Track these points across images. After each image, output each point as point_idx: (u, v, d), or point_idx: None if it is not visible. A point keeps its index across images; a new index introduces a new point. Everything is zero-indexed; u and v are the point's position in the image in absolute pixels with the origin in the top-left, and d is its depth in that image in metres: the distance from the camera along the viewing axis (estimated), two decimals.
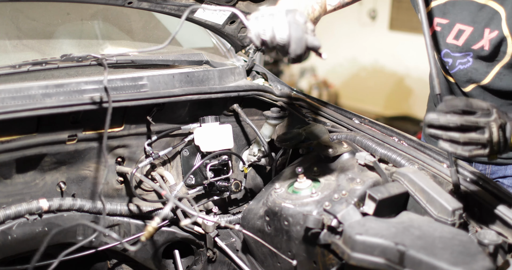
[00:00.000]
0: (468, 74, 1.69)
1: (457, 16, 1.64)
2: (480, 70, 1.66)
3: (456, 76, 1.74)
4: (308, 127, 1.73)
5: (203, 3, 1.74)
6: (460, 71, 1.71)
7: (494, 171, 1.88)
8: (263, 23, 1.21)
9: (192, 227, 1.74)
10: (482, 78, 1.67)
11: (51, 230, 1.54)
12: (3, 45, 1.78)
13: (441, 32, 1.70)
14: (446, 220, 1.30)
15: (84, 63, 1.63)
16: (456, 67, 1.71)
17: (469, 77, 1.69)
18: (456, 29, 1.65)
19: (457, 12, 1.64)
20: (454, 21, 1.66)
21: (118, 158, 1.68)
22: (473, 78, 1.69)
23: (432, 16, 1.70)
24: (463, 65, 1.69)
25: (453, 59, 1.70)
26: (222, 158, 1.76)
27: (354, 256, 1.22)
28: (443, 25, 1.68)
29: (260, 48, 1.26)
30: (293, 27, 1.19)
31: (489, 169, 1.89)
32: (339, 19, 6.87)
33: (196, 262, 1.86)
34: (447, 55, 1.72)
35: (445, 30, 1.68)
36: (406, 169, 1.45)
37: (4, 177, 1.47)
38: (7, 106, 1.34)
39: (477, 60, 1.66)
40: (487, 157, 1.16)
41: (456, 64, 1.70)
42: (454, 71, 1.72)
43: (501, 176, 1.87)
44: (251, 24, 1.23)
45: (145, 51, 1.87)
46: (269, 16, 1.21)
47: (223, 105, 1.87)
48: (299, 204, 1.44)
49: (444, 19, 1.68)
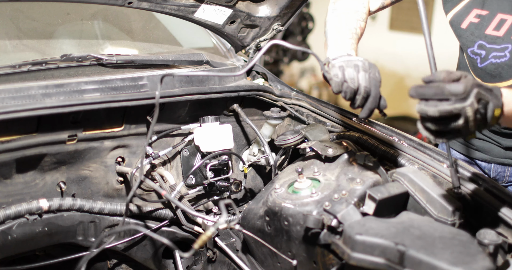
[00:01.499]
0: (498, 69, 1.65)
1: (498, 6, 1.62)
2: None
3: (485, 70, 1.69)
4: (308, 127, 1.73)
5: (203, 4, 1.74)
6: (491, 65, 1.66)
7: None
8: (348, 73, 1.28)
9: (192, 227, 1.74)
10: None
11: (51, 230, 1.54)
12: (3, 45, 1.79)
13: (479, 23, 1.66)
14: (446, 220, 1.30)
15: (84, 63, 1.63)
16: (488, 60, 1.66)
17: (498, 73, 1.65)
18: (498, 19, 1.63)
19: (498, 2, 1.62)
20: (495, 11, 1.63)
21: (118, 158, 1.68)
22: (502, 75, 1.65)
23: (470, 8, 1.68)
24: (497, 58, 1.65)
25: (487, 51, 1.66)
26: (222, 158, 1.76)
27: (354, 256, 1.22)
28: (483, 16, 1.65)
29: (337, 94, 1.31)
30: (373, 83, 1.28)
31: (508, 171, 1.86)
32: None
33: (196, 262, 1.86)
34: (481, 47, 1.67)
35: (484, 21, 1.65)
36: (406, 169, 1.45)
37: (4, 177, 1.46)
38: (7, 106, 1.34)
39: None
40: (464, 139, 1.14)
41: (489, 57, 1.66)
42: (484, 64, 1.68)
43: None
44: (334, 71, 1.30)
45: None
46: (354, 67, 1.29)
47: (223, 105, 1.87)
48: (299, 204, 1.44)
49: (483, 11, 1.65)
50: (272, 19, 1.89)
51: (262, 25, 1.90)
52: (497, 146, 1.84)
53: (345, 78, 1.28)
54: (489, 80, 1.69)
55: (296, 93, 1.98)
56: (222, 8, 1.78)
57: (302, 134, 1.69)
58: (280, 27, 1.94)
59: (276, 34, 2.01)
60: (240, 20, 1.85)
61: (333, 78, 1.29)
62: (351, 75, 1.28)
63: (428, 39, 1.37)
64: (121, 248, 1.69)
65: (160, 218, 1.73)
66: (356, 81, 1.27)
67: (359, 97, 1.28)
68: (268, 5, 1.86)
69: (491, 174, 1.90)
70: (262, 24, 1.89)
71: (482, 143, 1.87)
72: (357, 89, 1.28)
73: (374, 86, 1.29)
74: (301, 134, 1.69)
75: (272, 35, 1.96)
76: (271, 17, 1.88)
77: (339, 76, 1.28)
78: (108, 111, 1.56)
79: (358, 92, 1.28)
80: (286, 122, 1.96)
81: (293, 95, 1.97)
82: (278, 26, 1.93)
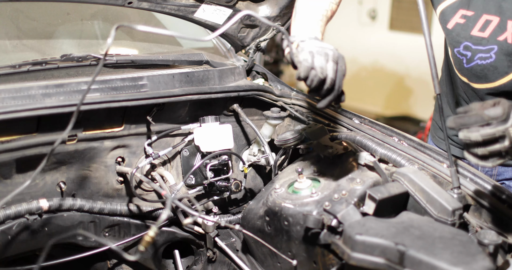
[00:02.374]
0: (484, 71, 1.64)
1: (483, 7, 1.60)
2: (500, 69, 1.60)
3: (471, 71, 1.67)
4: (308, 127, 1.73)
5: (203, 4, 1.74)
6: (477, 67, 1.65)
7: (500, 172, 1.85)
8: (318, 61, 1.24)
9: (192, 227, 1.74)
10: (498, 77, 1.62)
11: (51, 230, 1.54)
12: (3, 45, 1.79)
13: (465, 24, 1.64)
14: (446, 220, 1.30)
15: (84, 63, 1.63)
16: (474, 61, 1.65)
17: (484, 74, 1.64)
18: (483, 20, 1.61)
19: (483, 2, 1.60)
20: (480, 12, 1.61)
21: (118, 158, 1.68)
22: (488, 77, 1.64)
23: (456, 9, 1.66)
24: (483, 60, 1.63)
25: (473, 52, 1.64)
26: (222, 158, 1.76)
27: (354, 256, 1.22)
28: (468, 17, 1.63)
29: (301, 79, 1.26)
30: (339, 76, 1.26)
31: (495, 170, 1.86)
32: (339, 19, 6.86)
33: (196, 262, 1.86)
34: (467, 48, 1.65)
35: (470, 22, 1.63)
36: (406, 169, 1.45)
37: (4, 177, 1.46)
38: (7, 106, 1.34)
39: (500, 58, 1.60)
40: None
41: (475, 58, 1.64)
42: (470, 65, 1.66)
43: (508, 178, 1.84)
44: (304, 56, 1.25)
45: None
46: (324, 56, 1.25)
47: (223, 105, 1.87)
48: (299, 204, 1.44)
49: (469, 11, 1.63)
50: (272, 19, 1.89)
51: (262, 25, 1.91)
52: None
53: (314, 65, 1.24)
54: (475, 81, 1.67)
55: (296, 93, 1.98)
56: (222, 8, 1.78)
57: (302, 134, 1.69)
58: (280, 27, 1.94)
59: (276, 34, 2.01)
60: (240, 20, 1.85)
61: (303, 62, 1.24)
62: (320, 64, 1.24)
63: (428, 39, 1.37)
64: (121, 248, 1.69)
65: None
66: (324, 71, 1.24)
67: (325, 87, 1.25)
68: (268, 5, 1.86)
69: None
70: (262, 24, 1.90)
71: None
72: (324, 79, 1.24)
73: (339, 78, 1.25)
74: (301, 134, 1.69)
75: (272, 35, 1.96)
76: (271, 17, 1.88)
77: (308, 61, 1.24)
78: (108, 111, 1.56)
79: (325, 83, 1.25)
80: (286, 122, 1.96)
81: (293, 95, 1.97)
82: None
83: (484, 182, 1.39)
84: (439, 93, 1.38)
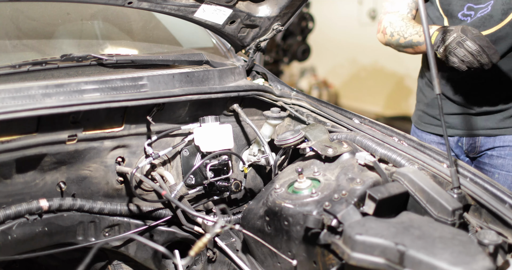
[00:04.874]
0: (482, 20, 1.87)
1: None
2: (495, 17, 1.87)
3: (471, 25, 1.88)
4: (308, 127, 1.73)
5: (202, 4, 1.74)
6: (477, 20, 1.89)
7: (483, 143, 2.02)
8: (462, 50, 1.65)
9: (192, 227, 1.74)
10: (493, 24, 1.87)
11: (51, 230, 1.54)
12: (3, 45, 1.78)
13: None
14: (446, 220, 1.30)
15: (84, 63, 1.63)
16: (476, 16, 1.89)
17: (482, 23, 1.87)
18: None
19: None
20: None
21: (118, 158, 1.68)
22: (485, 25, 1.87)
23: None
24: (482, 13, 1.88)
25: (475, 11, 1.89)
26: (222, 158, 1.76)
27: (354, 256, 1.22)
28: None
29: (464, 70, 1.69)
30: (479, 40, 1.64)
31: (479, 142, 2.04)
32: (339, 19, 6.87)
33: (196, 262, 1.86)
34: (470, 8, 1.89)
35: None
36: (406, 169, 1.45)
37: (4, 177, 1.47)
38: (7, 106, 1.34)
39: (496, 7, 1.85)
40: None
41: (478, 15, 1.88)
42: (472, 20, 1.90)
43: (490, 147, 2.01)
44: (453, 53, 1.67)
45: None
46: (457, 44, 1.66)
47: (223, 105, 1.87)
48: (299, 204, 1.44)
49: None
50: (272, 19, 1.89)
51: (262, 25, 1.90)
52: (469, 115, 2.04)
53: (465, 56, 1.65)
54: None
55: (296, 93, 1.98)
56: (222, 8, 1.78)
57: (302, 134, 1.69)
58: (280, 27, 1.94)
59: (276, 34, 2.01)
60: (240, 20, 1.85)
61: (454, 61, 1.68)
62: (463, 52, 1.65)
63: (428, 39, 1.38)
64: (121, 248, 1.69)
65: (160, 218, 1.73)
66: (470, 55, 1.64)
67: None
68: (268, 5, 1.86)
69: (464, 147, 2.09)
70: (262, 24, 1.90)
71: (454, 119, 2.07)
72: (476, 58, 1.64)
73: (481, 40, 1.63)
74: (301, 134, 1.69)
75: (272, 35, 1.96)
76: (271, 17, 1.88)
77: (458, 55, 1.66)
78: (108, 111, 1.56)
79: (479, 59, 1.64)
80: (286, 122, 1.96)
81: (293, 95, 1.97)
82: (278, 26, 1.93)
83: (484, 182, 1.39)
84: (439, 93, 1.39)
